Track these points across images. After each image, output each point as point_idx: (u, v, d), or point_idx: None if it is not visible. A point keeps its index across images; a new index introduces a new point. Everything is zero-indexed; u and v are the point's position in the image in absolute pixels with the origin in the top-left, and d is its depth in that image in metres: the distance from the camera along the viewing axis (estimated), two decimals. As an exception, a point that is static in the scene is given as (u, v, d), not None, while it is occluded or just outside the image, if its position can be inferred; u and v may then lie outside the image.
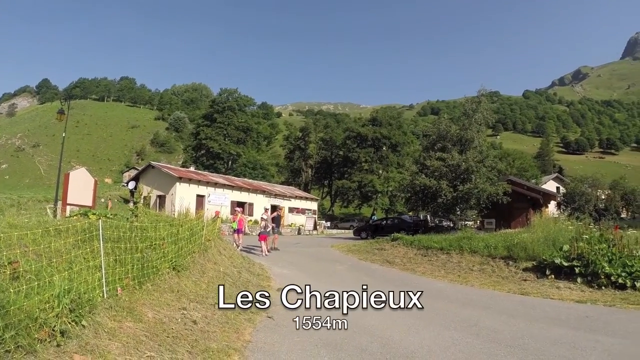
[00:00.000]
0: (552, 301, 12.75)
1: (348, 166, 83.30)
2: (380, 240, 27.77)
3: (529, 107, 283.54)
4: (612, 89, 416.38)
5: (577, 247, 15.51)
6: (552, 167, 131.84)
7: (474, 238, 21.70)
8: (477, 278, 16.68)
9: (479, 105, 34.39)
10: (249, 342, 7.80)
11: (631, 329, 9.58)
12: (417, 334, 9.03)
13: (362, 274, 17.85)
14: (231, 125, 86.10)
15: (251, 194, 52.25)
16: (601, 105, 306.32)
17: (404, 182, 34.55)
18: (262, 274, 15.34)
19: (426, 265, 19.95)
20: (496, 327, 9.77)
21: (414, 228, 34.60)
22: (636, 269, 13.86)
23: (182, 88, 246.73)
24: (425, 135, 37.38)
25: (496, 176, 34.05)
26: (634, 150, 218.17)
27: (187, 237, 11.55)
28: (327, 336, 8.54)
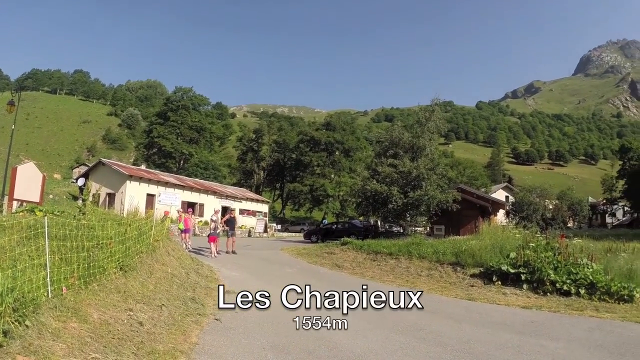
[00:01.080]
0: (499, 307, 12.98)
1: (300, 169, 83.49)
2: (330, 244, 27.85)
3: (481, 117, 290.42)
4: (563, 103, 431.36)
5: (524, 254, 15.87)
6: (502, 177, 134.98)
7: (423, 244, 21.99)
8: (425, 283, 16.84)
9: (432, 114, 35.03)
10: (196, 344, 7.65)
11: (575, 334, 9.83)
12: (365, 338, 9.06)
13: (311, 278, 17.76)
14: (184, 124, 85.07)
15: (202, 195, 51.80)
16: (552, 119, 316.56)
17: (356, 187, 34.77)
18: (211, 276, 15.11)
19: (375, 269, 20.05)
20: (443, 331, 9.89)
21: (364, 233, 34.84)
22: (581, 276, 14.25)
23: (136, 84, 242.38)
24: (378, 141, 37.75)
25: (446, 184, 34.68)
26: (582, 163, 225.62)
27: (135, 237, 11.27)
28: (275, 339, 8.56)
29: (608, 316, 11.57)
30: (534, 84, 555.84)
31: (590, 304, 12.90)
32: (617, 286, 13.48)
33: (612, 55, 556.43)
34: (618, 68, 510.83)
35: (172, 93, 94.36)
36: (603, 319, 11.34)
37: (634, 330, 10.17)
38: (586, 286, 13.92)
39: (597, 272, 14.43)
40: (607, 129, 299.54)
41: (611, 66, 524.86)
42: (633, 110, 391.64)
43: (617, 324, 10.81)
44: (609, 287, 13.54)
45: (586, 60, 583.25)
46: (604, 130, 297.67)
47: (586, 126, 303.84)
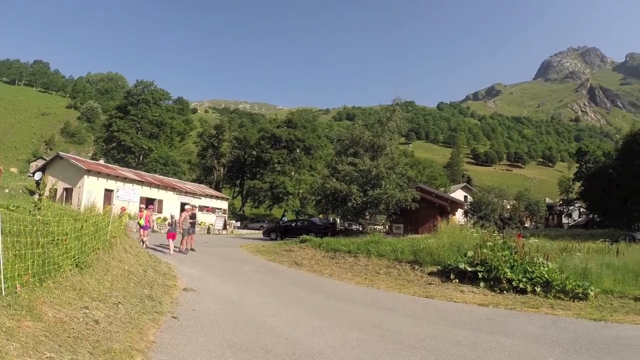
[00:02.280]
0: (456, 304, 13.17)
1: (261, 167, 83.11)
2: (289, 241, 27.92)
3: (442, 118, 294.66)
4: (522, 106, 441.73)
5: (481, 253, 16.19)
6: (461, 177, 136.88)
7: (382, 242, 22.24)
8: (384, 281, 16.94)
9: (393, 114, 35.39)
10: (153, 343, 7.49)
11: (530, 331, 10.03)
12: (323, 335, 9.05)
13: (270, 275, 17.80)
14: (145, 118, 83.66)
15: (161, 191, 50.99)
16: (511, 121, 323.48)
17: (315, 185, 34.83)
18: (169, 273, 14.90)
19: (334, 267, 20.10)
20: (401, 328, 9.97)
21: (324, 231, 34.90)
22: (536, 274, 14.62)
23: (97, 77, 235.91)
24: (339, 139, 37.90)
25: (406, 183, 34.95)
26: (539, 165, 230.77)
27: (92, 233, 10.99)
28: (232, 337, 8.45)
29: (563, 313, 11.86)
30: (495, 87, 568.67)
31: (545, 302, 13.20)
32: (572, 284, 13.86)
33: (573, 61, 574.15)
34: (578, 74, 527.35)
35: (133, 86, 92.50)
36: (558, 316, 11.61)
37: (588, 327, 10.42)
38: (542, 284, 14.28)
39: (553, 271, 14.81)
40: (565, 133, 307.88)
41: (571, 72, 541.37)
42: (591, 115, 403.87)
43: (571, 320, 11.09)
44: (564, 286, 13.90)
45: (547, 65, 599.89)
46: (562, 133, 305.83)
47: (545, 129, 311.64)
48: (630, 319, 11.31)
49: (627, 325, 10.69)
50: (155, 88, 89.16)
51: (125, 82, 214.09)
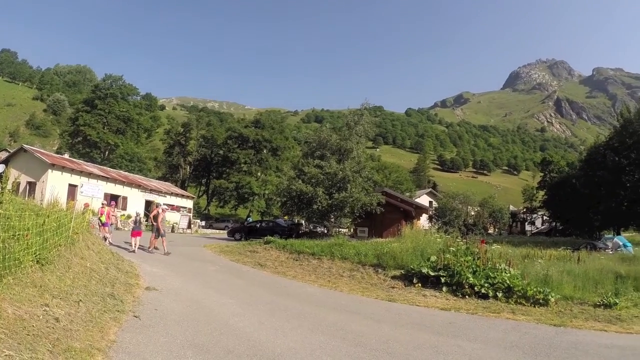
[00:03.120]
0: (418, 308, 13.27)
1: (227, 166, 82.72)
2: (253, 242, 27.80)
3: (410, 124, 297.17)
4: (490, 115, 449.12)
5: (444, 258, 16.44)
6: (427, 183, 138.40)
7: (346, 245, 22.32)
8: (347, 284, 16.99)
9: (361, 118, 35.67)
10: (114, 342, 7.32)
11: (491, 335, 10.19)
12: (285, 337, 9.01)
13: (233, 276, 17.66)
14: (112, 113, 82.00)
15: (126, 188, 50.36)
16: (478, 129, 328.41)
17: (281, 187, 34.69)
18: (131, 271, 14.63)
19: (297, 269, 20.11)
20: (363, 331, 9.98)
21: (288, 232, 34.87)
22: (498, 280, 14.90)
23: (65, 69, 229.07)
24: (307, 142, 37.98)
25: (372, 187, 35.19)
26: (504, 173, 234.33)
27: (54, 229, 10.71)
28: (194, 337, 8.34)
29: (524, 318, 12.09)
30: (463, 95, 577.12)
31: (507, 307, 13.47)
32: (533, 290, 14.16)
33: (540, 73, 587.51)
34: (545, 85, 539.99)
35: (101, 80, 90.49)
36: (519, 321, 11.83)
37: (548, 332, 10.66)
38: (504, 290, 14.54)
39: (515, 277, 15.09)
40: (531, 142, 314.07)
41: (539, 83, 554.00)
42: (556, 126, 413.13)
43: (532, 326, 11.31)
44: (525, 291, 14.18)
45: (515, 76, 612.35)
46: (528, 143, 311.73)
47: (511, 138, 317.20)
48: (589, 325, 11.63)
49: (586, 331, 10.98)
50: (124, 83, 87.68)
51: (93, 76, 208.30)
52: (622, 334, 11.02)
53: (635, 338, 10.66)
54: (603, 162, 51.19)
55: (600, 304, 13.73)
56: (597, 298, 14.15)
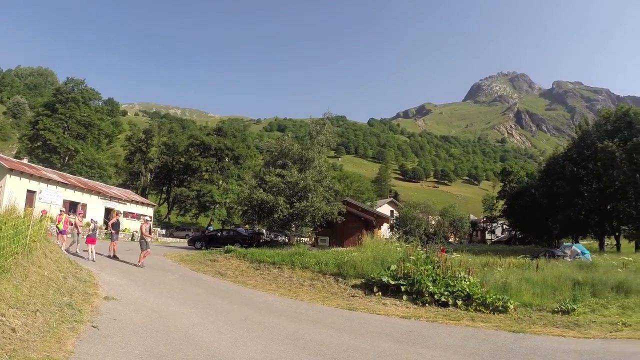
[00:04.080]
0: (379, 316, 13.33)
1: (188, 174, 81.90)
2: (214, 251, 27.57)
3: (372, 134, 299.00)
4: (451, 126, 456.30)
5: (404, 267, 16.61)
6: (389, 192, 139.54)
7: (306, 254, 22.37)
8: (307, 293, 16.97)
9: (323, 128, 35.72)
10: (72, 352, 7.11)
11: (451, 343, 10.29)
12: (244, 347, 8.93)
13: (193, 285, 17.42)
14: (73, 118, 79.98)
15: (85, 194, 49.15)
16: (440, 140, 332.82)
17: (243, 195, 34.45)
18: (90, 280, 14.27)
19: (258, 278, 20.00)
20: (323, 340, 9.97)
21: (249, 241, 34.72)
22: (458, 288, 15.11)
23: (26, 71, 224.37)
24: (268, 150, 37.81)
25: (333, 196, 35.25)
26: (465, 183, 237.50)
27: (11, 236, 10.39)
28: (153, 347, 8.19)
29: (483, 326, 12.27)
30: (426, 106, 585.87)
31: (466, 314, 13.67)
32: (492, 298, 14.40)
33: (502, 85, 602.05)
34: (506, 98, 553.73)
35: (63, 84, 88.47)
36: (478, 328, 12.00)
37: (507, 339, 10.83)
38: (463, 298, 14.74)
39: (474, 285, 15.32)
40: (491, 153, 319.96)
41: (500, 95, 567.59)
42: (516, 137, 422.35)
43: (491, 332, 11.48)
44: (484, 299, 14.40)
45: (477, 88, 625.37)
46: (488, 153, 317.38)
47: (472, 149, 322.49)
48: (547, 331, 11.88)
49: (544, 337, 11.22)
50: (86, 87, 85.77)
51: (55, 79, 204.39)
52: (580, 339, 11.28)
53: (592, 343, 10.91)
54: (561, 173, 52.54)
55: (559, 310, 14.05)
56: (556, 304, 14.48)
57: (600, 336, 11.58)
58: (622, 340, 11.19)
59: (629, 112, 50.38)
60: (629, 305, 15.13)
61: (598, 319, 13.53)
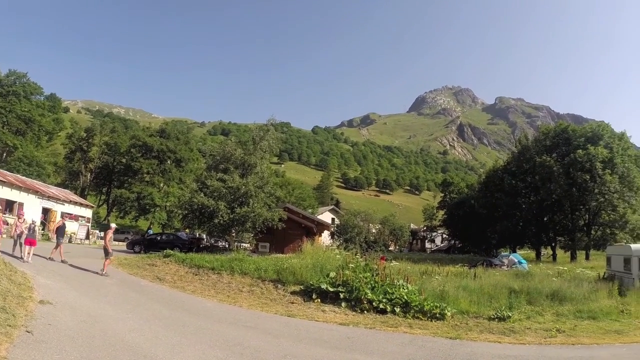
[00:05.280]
0: (317, 323, 13.32)
1: (129, 175, 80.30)
2: (153, 255, 27.02)
3: (316, 141, 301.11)
4: (394, 136, 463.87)
5: (343, 274, 16.77)
6: (330, 200, 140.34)
7: (246, 260, 22.31)
8: (246, 299, 16.82)
9: (267, 133, 35.79)
10: (5, 358, 6.89)
11: (388, 349, 10.40)
12: (182, 353, 8.80)
13: (131, 290, 16.98)
14: (13, 112, 76.84)
15: (22, 193, 47.25)
16: (383, 150, 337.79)
17: (183, 199, 34.02)
18: (25, 283, 13.74)
19: (197, 284, 19.69)
20: (261, 346, 9.91)
21: (189, 246, 34.31)
22: (396, 296, 15.35)
23: None
24: (211, 154, 37.56)
25: (274, 202, 35.23)
26: (406, 192, 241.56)
27: None
28: (89, 354, 7.99)
29: (421, 332, 12.46)
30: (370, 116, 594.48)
31: (404, 321, 13.84)
32: (430, 305, 14.69)
33: (446, 99, 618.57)
34: (449, 111, 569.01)
35: (5, 76, 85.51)
36: (416, 334, 12.17)
37: (444, 345, 11.02)
38: (401, 305, 14.95)
39: (412, 293, 15.60)
40: (433, 164, 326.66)
41: (443, 108, 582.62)
42: (458, 149, 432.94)
43: (428, 339, 11.66)
44: (422, 306, 14.66)
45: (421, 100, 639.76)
46: (430, 164, 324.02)
47: (414, 159, 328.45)
48: (484, 337, 12.18)
49: (480, 343, 11.50)
50: (28, 81, 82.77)
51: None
52: (515, 344, 11.62)
53: (527, 348, 11.24)
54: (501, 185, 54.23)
55: (495, 317, 14.47)
56: (492, 312, 14.93)
57: (536, 342, 11.95)
58: (557, 346, 11.59)
59: (567, 129, 52.53)
60: (563, 312, 15.78)
61: (533, 325, 13.99)
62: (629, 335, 13.02)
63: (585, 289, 18.55)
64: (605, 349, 11.38)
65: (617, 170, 45.88)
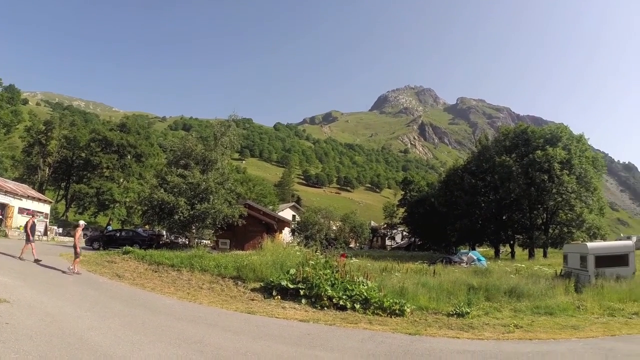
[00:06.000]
0: (277, 320, 13.33)
1: (89, 170, 78.63)
2: (112, 252, 26.74)
3: (278, 138, 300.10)
4: (356, 134, 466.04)
5: (303, 271, 16.87)
6: (291, 197, 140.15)
7: (206, 257, 22.30)
8: (206, 296, 16.75)
9: (228, 129, 35.61)
10: None
11: (349, 345, 10.47)
12: (141, 351, 8.72)
13: (90, 288, 16.69)
14: None
15: (-21, 188, 46.00)
16: (344, 147, 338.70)
17: (143, 195, 33.59)
18: None
19: (156, 281, 19.51)
20: (221, 344, 9.88)
21: (148, 242, 33.87)
22: (356, 292, 15.50)
23: None
24: (172, 150, 37.11)
25: (235, 199, 35.11)
26: (367, 190, 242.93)
27: None
28: (47, 353, 7.86)
29: (380, 328, 12.58)
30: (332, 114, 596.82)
31: (364, 318, 13.97)
32: (389, 302, 14.86)
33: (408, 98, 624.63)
34: (411, 110, 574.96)
35: None
36: (376, 331, 12.29)
37: (404, 341, 11.15)
38: (361, 301, 15.11)
39: (372, 289, 15.79)
40: (394, 162, 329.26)
41: (405, 107, 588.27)
42: (419, 148, 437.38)
43: (388, 335, 11.79)
44: (382, 303, 14.83)
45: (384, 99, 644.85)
46: (391, 163, 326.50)
47: (375, 157, 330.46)
48: (442, 333, 12.38)
49: (439, 339, 11.68)
50: None
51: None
52: (474, 340, 11.82)
53: (485, 343, 11.46)
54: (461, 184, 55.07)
55: (454, 313, 14.72)
56: (451, 308, 15.20)
57: (494, 337, 12.17)
58: (514, 341, 11.82)
59: (526, 130, 53.62)
60: (521, 308, 16.13)
61: (491, 321, 14.26)
62: (584, 330, 13.37)
63: (543, 285, 18.96)
64: (562, 343, 11.67)
65: (574, 171, 47.15)
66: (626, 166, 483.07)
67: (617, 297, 17.93)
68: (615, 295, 18.05)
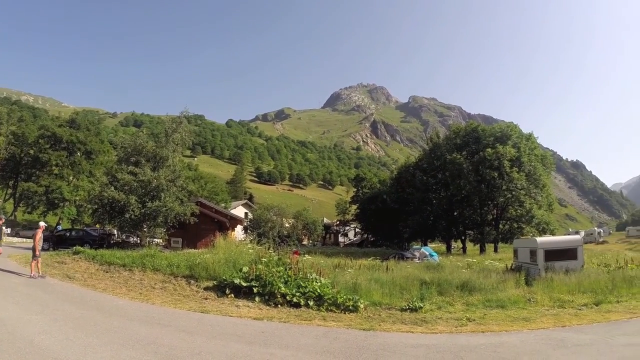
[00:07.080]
0: (231, 318, 13.28)
1: (37, 168, 76.25)
2: (62, 252, 26.36)
3: (230, 135, 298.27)
4: (309, 132, 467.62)
5: (256, 269, 16.89)
6: (244, 194, 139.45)
7: (158, 256, 22.02)
8: (159, 296, 16.55)
9: (180, 126, 35.12)
10: None
11: (303, 342, 10.52)
12: (94, 354, 8.60)
13: (39, 290, 16.30)
14: None
15: None
16: (297, 145, 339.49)
17: (93, 193, 32.91)
18: None
19: (108, 281, 19.17)
20: (175, 344, 9.79)
21: (99, 242, 33.46)
22: (309, 289, 15.60)
23: None
24: (122, 146, 36.45)
25: (186, 197, 34.78)
26: (320, 187, 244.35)
27: None
28: None
29: (334, 325, 12.67)
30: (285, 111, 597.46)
31: (318, 314, 14.04)
32: (343, 298, 15.01)
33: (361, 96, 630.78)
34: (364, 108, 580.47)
35: None
36: (330, 327, 12.36)
37: (358, 336, 11.25)
38: (315, 298, 15.20)
39: (325, 286, 15.90)
40: (346, 159, 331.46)
41: (358, 105, 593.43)
42: (371, 145, 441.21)
43: (342, 331, 11.88)
44: (335, 299, 14.97)
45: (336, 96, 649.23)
46: (343, 160, 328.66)
47: (327, 155, 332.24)
48: (396, 328, 12.53)
49: (393, 334, 11.83)
50: None
51: None
52: (427, 334, 12.01)
53: (438, 337, 11.64)
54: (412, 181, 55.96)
55: (407, 308, 14.94)
56: (404, 303, 15.43)
57: (447, 331, 12.37)
58: (467, 334, 12.05)
59: (477, 129, 54.88)
60: (473, 302, 16.47)
61: (444, 315, 14.49)
62: (535, 322, 13.73)
63: (494, 279, 19.45)
64: (514, 335, 11.96)
65: (524, 169, 48.62)
66: (574, 164, 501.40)
67: (566, 289, 18.46)
68: (565, 288, 18.59)
